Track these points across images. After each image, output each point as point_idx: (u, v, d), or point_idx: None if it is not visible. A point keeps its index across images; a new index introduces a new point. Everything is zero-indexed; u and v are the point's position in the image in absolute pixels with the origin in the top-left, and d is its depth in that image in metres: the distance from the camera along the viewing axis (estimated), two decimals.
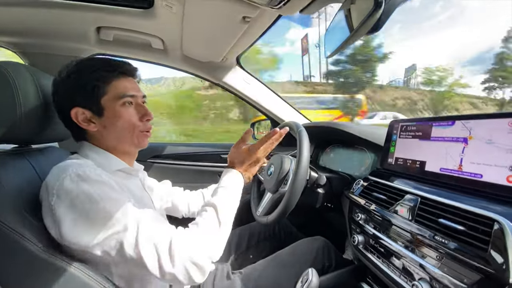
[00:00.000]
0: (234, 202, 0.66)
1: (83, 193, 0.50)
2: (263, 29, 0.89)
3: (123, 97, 0.61)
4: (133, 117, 0.63)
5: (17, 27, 1.00)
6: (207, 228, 0.57)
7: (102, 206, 0.50)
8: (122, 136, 0.62)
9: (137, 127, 0.63)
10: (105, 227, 0.49)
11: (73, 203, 0.50)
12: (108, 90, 0.60)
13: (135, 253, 0.49)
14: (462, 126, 0.60)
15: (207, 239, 0.56)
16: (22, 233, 0.49)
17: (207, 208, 0.61)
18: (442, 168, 0.62)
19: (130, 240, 0.49)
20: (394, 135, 0.79)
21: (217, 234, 0.58)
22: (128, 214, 0.51)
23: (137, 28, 1.02)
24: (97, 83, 0.59)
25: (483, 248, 0.44)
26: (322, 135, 1.24)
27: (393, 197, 0.67)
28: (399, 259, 0.60)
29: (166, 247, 0.50)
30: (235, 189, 0.69)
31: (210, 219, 0.59)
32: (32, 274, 0.51)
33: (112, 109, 0.60)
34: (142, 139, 0.65)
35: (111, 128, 0.61)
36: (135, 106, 0.64)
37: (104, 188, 0.52)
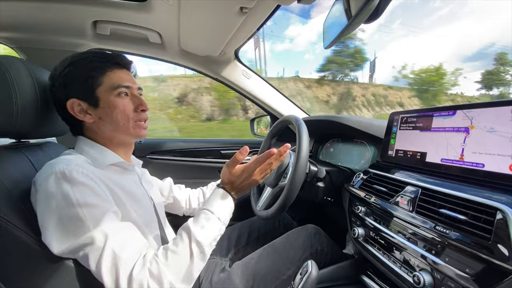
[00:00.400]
0: (216, 232, 0.58)
1: (61, 194, 0.50)
2: (261, 20, 0.88)
3: (118, 87, 0.61)
4: (127, 107, 0.63)
5: (13, 22, 0.99)
6: (175, 259, 0.52)
7: (77, 212, 0.49)
8: (118, 127, 0.62)
9: (132, 117, 0.63)
10: (75, 235, 0.49)
11: (50, 202, 0.50)
12: (103, 81, 0.60)
13: (96, 269, 0.48)
14: (463, 116, 0.59)
15: (172, 270, 0.51)
16: (19, 226, 0.49)
17: (182, 234, 0.56)
18: (443, 159, 0.61)
19: (95, 255, 0.48)
20: (394, 127, 0.78)
21: (185, 266, 0.53)
22: (100, 225, 0.50)
23: (134, 22, 1.00)
24: (92, 73, 0.59)
25: (486, 237, 0.43)
26: (321, 129, 1.23)
27: (393, 189, 0.67)
28: (400, 251, 0.60)
29: (126, 273, 0.48)
30: (221, 216, 0.60)
31: (181, 248, 0.53)
32: (30, 266, 0.51)
33: (107, 99, 0.61)
34: (139, 129, 0.65)
35: (107, 118, 0.61)
36: (130, 97, 0.64)
37: (85, 191, 0.51)
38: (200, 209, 0.61)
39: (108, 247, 0.48)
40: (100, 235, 0.49)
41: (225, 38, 0.98)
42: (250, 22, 0.88)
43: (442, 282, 0.48)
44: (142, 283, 0.48)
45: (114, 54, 0.64)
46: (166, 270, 0.50)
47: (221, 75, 1.30)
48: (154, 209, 0.72)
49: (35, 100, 0.60)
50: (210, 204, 0.61)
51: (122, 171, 0.66)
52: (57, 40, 1.08)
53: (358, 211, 0.76)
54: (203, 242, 0.54)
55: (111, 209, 0.53)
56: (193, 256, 0.53)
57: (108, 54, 0.63)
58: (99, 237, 0.48)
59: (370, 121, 0.97)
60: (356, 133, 0.98)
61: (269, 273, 0.76)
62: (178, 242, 0.54)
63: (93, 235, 0.48)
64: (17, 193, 0.53)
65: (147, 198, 0.72)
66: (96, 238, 0.48)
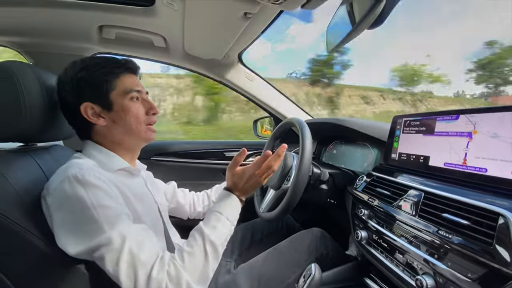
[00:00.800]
0: (227, 232, 0.61)
1: (76, 197, 0.51)
2: (264, 25, 0.89)
3: (131, 92, 0.63)
4: (140, 111, 0.65)
5: (20, 27, 1.01)
6: (190, 259, 0.54)
7: (92, 213, 0.50)
8: (130, 130, 0.64)
9: (144, 121, 0.65)
10: (91, 236, 0.49)
11: (65, 205, 0.51)
12: (117, 85, 0.62)
13: (114, 271, 0.49)
14: (466, 121, 0.59)
15: (188, 271, 0.52)
16: (29, 229, 0.51)
17: (195, 235, 0.58)
18: (446, 163, 0.62)
19: (112, 257, 0.49)
20: (398, 130, 0.79)
21: (201, 266, 0.54)
22: (116, 226, 0.50)
23: (139, 26, 1.02)
24: (107, 78, 0.61)
25: (488, 242, 0.43)
26: (324, 131, 1.23)
27: (396, 193, 0.67)
28: (403, 254, 0.60)
29: (145, 274, 0.49)
30: (231, 215, 0.63)
31: (196, 249, 0.55)
32: (41, 269, 0.52)
33: (121, 103, 0.62)
34: (150, 133, 0.67)
35: (120, 122, 0.63)
36: (141, 101, 0.66)
37: (99, 193, 0.52)
38: (210, 211, 0.63)
39: (126, 248, 0.49)
40: (117, 236, 0.49)
41: (229, 42, 0.99)
42: (254, 27, 0.89)
43: (445, 286, 0.48)
44: (160, 285, 0.49)
45: (126, 60, 0.66)
46: (183, 271, 0.51)
47: (225, 78, 1.31)
48: (159, 212, 0.73)
49: (42, 104, 0.61)
50: (218, 206, 0.64)
51: (128, 175, 0.67)
52: (63, 44, 1.10)
53: (361, 214, 0.76)
54: (216, 241, 0.57)
55: (124, 211, 0.55)
56: (207, 256, 0.55)
57: (119, 60, 0.65)
58: (116, 238, 0.49)
59: (373, 124, 0.97)
60: (359, 135, 0.99)
61: (274, 276, 0.77)
62: (192, 244, 0.56)
63: (110, 235, 0.49)
64: (27, 197, 0.54)
65: (153, 201, 0.73)
66: (113, 239, 0.49)
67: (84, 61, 0.63)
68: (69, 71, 0.62)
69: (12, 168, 0.56)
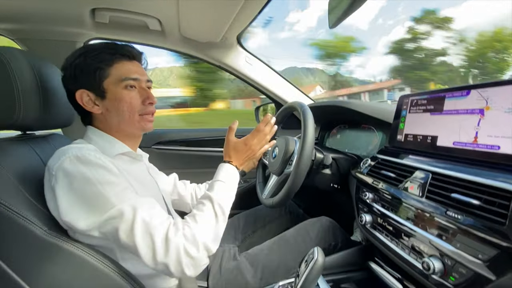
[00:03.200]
0: (230, 195, 0.67)
1: (80, 175, 0.50)
2: (262, 3, 0.84)
3: (125, 80, 0.61)
4: (134, 100, 0.62)
5: (12, 13, 0.98)
6: (203, 220, 0.57)
7: (99, 189, 0.50)
8: (124, 119, 0.62)
9: (138, 111, 0.63)
10: (101, 211, 0.49)
11: (70, 184, 0.50)
12: (111, 72, 0.60)
13: (129, 240, 0.49)
14: (478, 96, 0.55)
15: (203, 231, 0.55)
16: (27, 216, 0.50)
17: (203, 201, 0.62)
18: (455, 142, 0.59)
19: (125, 227, 0.49)
20: (404, 110, 0.75)
21: (213, 226, 0.58)
22: (125, 199, 0.51)
23: (133, 9, 0.98)
24: (100, 65, 0.59)
25: (501, 222, 0.41)
26: (327, 115, 1.20)
27: (402, 174, 0.65)
28: (409, 237, 0.58)
29: (161, 237, 0.50)
30: (231, 182, 0.69)
31: (207, 211, 0.59)
32: (39, 257, 0.52)
33: (114, 91, 0.61)
34: (144, 123, 0.65)
35: (114, 110, 0.61)
36: (138, 89, 0.63)
37: (102, 171, 0.52)
38: (212, 181, 0.68)
39: (138, 217, 0.50)
40: (128, 207, 0.50)
41: (226, 22, 0.95)
42: (251, 6, 0.85)
43: (453, 268, 0.46)
44: (178, 245, 0.51)
45: (124, 45, 0.63)
46: (197, 231, 0.54)
47: (223, 62, 1.28)
48: (162, 198, 0.73)
49: (36, 91, 0.59)
50: (218, 175, 0.70)
51: (131, 161, 0.67)
52: (56, 30, 1.07)
53: (365, 197, 0.74)
54: (222, 204, 0.61)
55: (130, 187, 0.55)
56: (218, 217, 0.60)
57: (116, 46, 0.62)
58: (127, 209, 0.50)
59: (378, 106, 0.93)
60: (363, 118, 0.95)
61: (279, 266, 0.76)
62: (202, 207, 0.60)
63: (121, 207, 0.49)
64: (24, 184, 0.53)
65: (156, 187, 0.72)
66: (124, 210, 0.49)
67: (84, 47, 0.62)
68: (69, 58, 0.61)
69: (9, 156, 0.55)
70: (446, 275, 0.48)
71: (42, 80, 0.61)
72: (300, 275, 0.53)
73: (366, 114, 0.90)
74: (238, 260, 0.79)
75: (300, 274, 0.54)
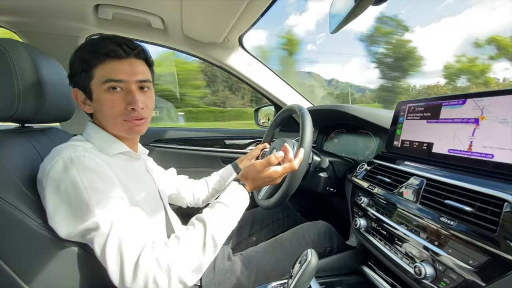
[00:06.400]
0: (229, 225, 0.58)
1: (69, 179, 0.49)
2: (265, 5, 0.85)
3: (107, 81, 0.56)
4: (116, 104, 0.57)
5: (14, 5, 0.98)
6: (187, 248, 0.51)
7: (84, 196, 0.49)
8: (108, 123, 0.60)
9: (120, 116, 0.58)
10: (81, 219, 0.48)
11: (58, 187, 0.49)
12: (94, 73, 0.56)
13: (101, 254, 0.47)
14: (473, 105, 0.56)
15: (183, 260, 0.49)
16: (22, 209, 0.49)
17: (195, 223, 0.55)
18: (450, 149, 0.59)
19: (99, 240, 0.47)
20: (401, 116, 0.76)
21: (197, 257, 0.51)
22: (106, 211, 0.49)
23: (136, 6, 0.98)
24: (83, 66, 0.56)
25: (492, 229, 0.41)
26: (326, 119, 1.21)
27: (398, 180, 0.65)
28: (402, 242, 0.59)
29: (132, 259, 0.47)
30: (236, 210, 0.60)
31: (195, 239, 0.52)
32: (33, 250, 0.51)
33: (98, 94, 0.57)
34: (129, 127, 0.60)
35: (99, 113, 0.60)
36: (125, 91, 0.58)
37: (92, 176, 0.51)
38: (215, 202, 0.60)
39: (113, 233, 0.47)
40: (106, 221, 0.48)
41: (229, 23, 0.95)
42: (254, 7, 0.85)
43: (444, 274, 0.47)
44: (147, 273, 0.46)
45: (110, 43, 0.56)
46: (175, 260, 0.48)
47: (224, 63, 1.28)
48: (159, 196, 0.72)
49: (36, 84, 0.59)
50: (222, 195, 0.61)
51: (128, 159, 0.66)
52: (58, 24, 1.07)
53: (360, 201, 0.75)
54: (216, 234, 0.53)
55: (117, 195, 0.52)
56: (205, 248, 0.52)
57: (100, 44, 0.56)
58: (105, 222, 0.47)
59: (376, 111, 0.94)
60: (361, 123, 0.96)
61: (274, 269, 0.76)
62: (191, 232, 0.53)
63: (99, 220, 0.47)
64: (20, 177, 0.53)
65: (153, 185, 0.72)
66: (101, 223, 0.47)
67: (81, 45, 0.59)
68: (72, 53, 0.59)
69: (5, 149, 0.54)
70: (437, 281, 0.48)
71: (42, 73, 0.60)
72: (293, 276, 0.54)
73: (364, 120, 0.91)
74: (233, 260, 0.79)
75: (293, 275, 0.54)
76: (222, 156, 1.47)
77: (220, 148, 1.48)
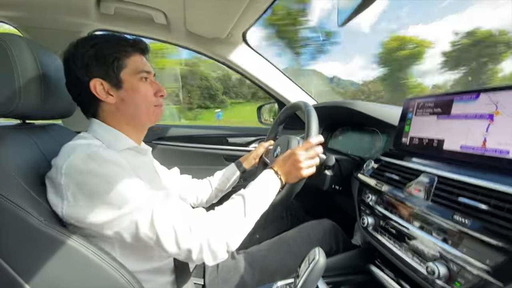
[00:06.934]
0: (264, 200, 0.65)
1: (92, 173, 0.49)
2: (269, 0, 0.83)
3: (141, 72, 0.62)
4: (149, 92, 0.64)
5: (16, 0, 0.97)
6: (231, 214, 0.58)
7: (112, 186, 0.49)
8: (139, 110, 0.63)
9: (152, 102, 0.65)
10: (116, 206, 0.48)
11: (83, 182, 0.49)
12: (128, 64, 0.61)
13: (151, 232, 0.49)
14: (487, 100, 0.54)
15: (228, 224, 0.56)
16: (23, 207, 0.49)
17: (235, 197, 0.62)
18: (462, 146, 0.58)
19: (145, 220, 0.49)
20: (410, 113, 0.74)
21: (239, 223, 0.58)
22: (140, 193, 0.51)
23: (138, 1, 0.97)
24: (118, 55, 0.60)
25: (509, 228, 0.40)
26: (331, 116, 1.19)
27: (406, 177, 0.64)
28: (412, 240, 0.57)
29: (183, 223, 0.51)
30: (268, 187, 0.66)
31: (236, 207, 0.59)
32: (34, 247, 0.50)
33: (131, 82, 0.61)
34: (157, 113, 0.66)
35: (129, 101, 0.62)
36: (149, 82, 0.65)
37: (113, 167, 0.51)
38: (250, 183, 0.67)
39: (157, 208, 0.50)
40: (145, 200, 0.50)
41: (232, 18, 0.94)
42: (258, 2, 0.84)
43: (459, 274, 0.46)
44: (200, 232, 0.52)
45: (138, 39, 0.65)
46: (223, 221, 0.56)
47: (227, 59, 1.26)
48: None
49: (37, 80, 0.58)
50: (259, 177, 0.68)
51: (136, 155, 0.66)
52: (60, 19, 1.06)
53: (368, 199, 0.73)
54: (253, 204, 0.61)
55: (143, 179, 0.55)
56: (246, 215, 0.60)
57: (132, 39, 0.64)
58: (144, 201, 0.50)
59: (382, 108, 0.92)
60: (367, 120, 0.95)
61: (278, 268, 0.75)
62: (232, 202, 0.61)
63: (137, 201, 0.49)
64: (22, 175, 0.52)
65: (161, 182, 0.71)
66: (141, 203, 0.50)
67: (96, 37, 0.61)
68: (80, 47, 0.59)
69: (6, 145, 0.54)
70: (451, 281, 0.47)
71: (43, 68, 0.59)
72: (300, 275, 0.52)
73: (370, 116, 0.89)
74: (236, 258, 0.78)
75: (300, 274, 0.53)
76: (225, 154, 1.46)
77: (223, 145, 1.47)
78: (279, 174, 0.69)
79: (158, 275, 0.63)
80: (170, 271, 0.66)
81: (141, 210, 0.49)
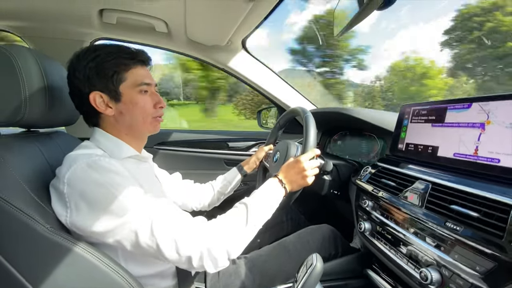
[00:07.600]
0: (267, 209, 0.65)
1: (93, 182, 0.50)
2: (268, 8, 0.85)
3: (141, 84, 0.62)
4: (148, 104, 0.64)
5: (20, 11, 0.99)
6: (232, 223, 0.58)
7: (113, 195, 0.50)
8: (137, 122, 0.64)
9: (151, 114, 0.65)
10: (117, 215, 0.49)
11: (84, 192, 0.50)
12: (127, 77, 0.61)
13: (151, 240, 0.50)
14: (479, 109, 0.56)
15: (229, 232, 0.56)
16: (29, 214, 0.50)
17: (238, 205, 0.63)
18: (456, 153, 0.59)
19: (145, 229, 0.50)
20: (406, 119, 0.76)
21: (241, 231, 0.58)
22: (140, 202, 0.51)
23: (140, 10, 0.99)
24: (117, 69, 0.60)
25: (499, 235, 0.41)
26: (329, 122, 1.21)
27: (402, 184, 0.65)
28: (407, 246, 0.59)
29: (183, 231, 0.52)
30: (272, 197, 0.67)
31: (239, 216, 0.60)
32: (40, 254, 0.52)
33: (130, 95, 0.62)
34: (155, 125, 0.67)
35: (127, 113, 0.62)
36: (149, 94, 0.65)
37: (115, 177, 0.52)
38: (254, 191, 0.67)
39: (157, 217, 0.51)
40: (145, 209, 0.51)
41: (232, 26, 0.96)
42: (258, 11, 0.85)
43: (450, 279, 0.47)
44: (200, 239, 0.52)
45: (139, 51, 0.65)
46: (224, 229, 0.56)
47: (227, 66, 1.28)
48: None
49: (42, 89, 0.59)
50: (263, 186, 0.68)
51: (137, 163, 0.67)
52: (64, 29, 1.08)
53: (365, 205, 0.75)
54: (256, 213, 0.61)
55: (141, 190, 0.55)
56: (247, 224, 0.59)
57: (133, 51, 0.64)
58: (144, 210, 0.51)
59: (380, 114, 0.94)
60: (365, 125, 0.96)
61: (278, 273, 0.76)
62: (234, 211, 0.62)
63: (137, 210, 0.50)
64: (27, 182, 0.53)
65: (161, 189, 0.72)
66: (141, 212, 0.50)
67: (98, 49, 0.61)
68: (81, 58, 0.60)
69: (12, 153, 0.55)
70: (444, 286, 0.48)
71: (48, 78, 0.61)
72: (298, 281, 0.54)
73: (368, 122, 0.91)
74: (237, 263, 0.79)
75: (298, 279, 0.54)
76: (226, 158, 1.47)
77: (223, 150, 1.48)
78: (283, 182, 0.69)
79: (161, 280, 0.64)
80: (173, 275, 0.67)
81: (140, 219, 0.50)
